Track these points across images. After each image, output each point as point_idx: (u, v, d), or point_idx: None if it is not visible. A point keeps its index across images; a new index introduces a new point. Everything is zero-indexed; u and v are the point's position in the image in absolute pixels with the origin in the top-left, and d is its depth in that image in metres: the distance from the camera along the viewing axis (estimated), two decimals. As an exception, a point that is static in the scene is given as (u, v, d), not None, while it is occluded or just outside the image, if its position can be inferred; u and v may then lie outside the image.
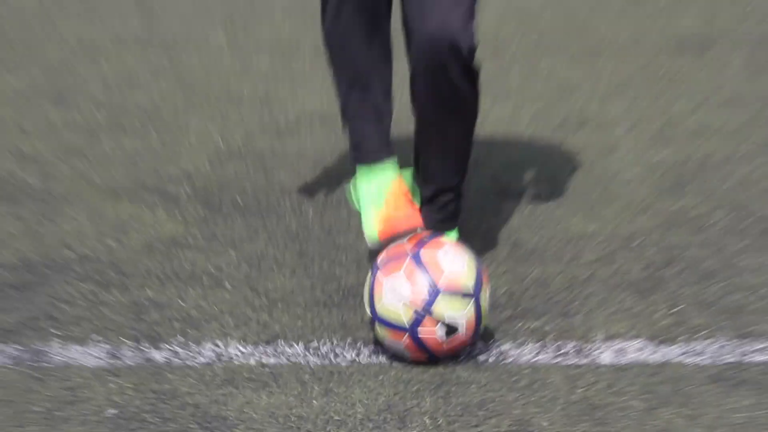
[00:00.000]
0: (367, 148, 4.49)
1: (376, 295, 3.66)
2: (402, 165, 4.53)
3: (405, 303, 3.55)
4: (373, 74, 4.41)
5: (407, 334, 3.61)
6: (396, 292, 3.58)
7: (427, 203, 4.50)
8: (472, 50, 4.12)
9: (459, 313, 3.54)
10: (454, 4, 4.11)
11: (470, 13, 4.16)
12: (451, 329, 3.54)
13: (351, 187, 4.54)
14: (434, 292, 3.56)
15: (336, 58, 4.47)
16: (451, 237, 4.42)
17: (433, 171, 4.50)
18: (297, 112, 4.73)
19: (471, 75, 4.14)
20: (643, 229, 4.58)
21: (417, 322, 3.55)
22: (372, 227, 4.27)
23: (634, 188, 4.91)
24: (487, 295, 3.76)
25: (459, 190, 4.49)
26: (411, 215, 4.34)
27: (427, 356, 3.71)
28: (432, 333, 3.53)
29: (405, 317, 3.57)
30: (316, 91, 5.73)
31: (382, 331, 3.73)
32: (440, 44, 4.06)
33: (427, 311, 3.52)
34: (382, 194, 4.33)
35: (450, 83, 4.14)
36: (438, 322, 3.52)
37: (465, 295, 3.61)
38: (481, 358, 3.73)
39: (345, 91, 4.50)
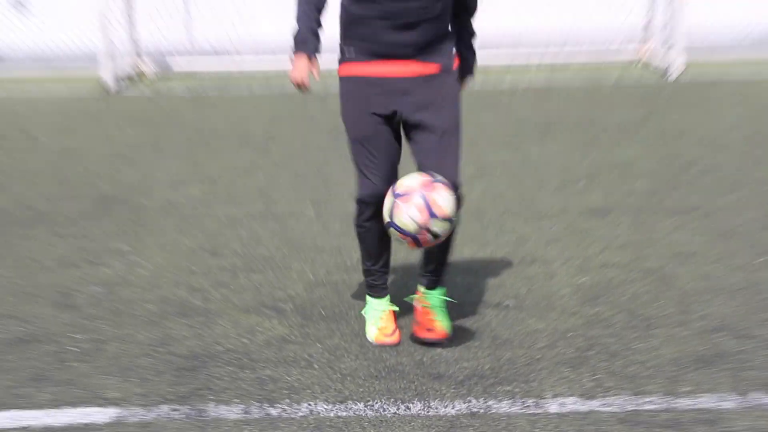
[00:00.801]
0: (374, 288, 4.72)
1: (395, 211, 4.03)
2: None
3: (415, 221, 3.94)
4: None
5: (411, 237, 4.03)
6: (410, 213, 3.95)
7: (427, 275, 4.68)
8: (459, 184, 4.34)
9: (443, 229, 3.99)
10: (454, 163, 4.32)
11: (459, 163, 4.36)
12: (436, 236, 4.00)
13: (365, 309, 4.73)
14: (433, 218, 3.94)
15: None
16: (439, 291, 4.69)
17: (432, 258, 4.62)
18: (358, 257, 4.66)
19: (460, 201, 4.31)
20: (573, 326, 4.62)
21: (418, 232, 3.97)
22: (372, 335, 4.52)
23: (567, 300, 4.95)
24: (458, 217, 4.20)
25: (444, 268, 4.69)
26: (394, 331, 4.59)
27: (417, 245, 4.13)
28: (425, 236, 3.99)
29: (412, 228, 3.97)
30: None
31: (393, 233, 4.11)
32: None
33: (426, 228, 3.95)
34: (379, 316, 4.58)
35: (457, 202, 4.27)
36: (430, 232, 3.96)
37: (447, 219, 4.00)
38: (474, 409, 3.77)
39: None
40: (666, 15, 14.66)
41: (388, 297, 4.74)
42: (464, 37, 4.63)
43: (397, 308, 4.71)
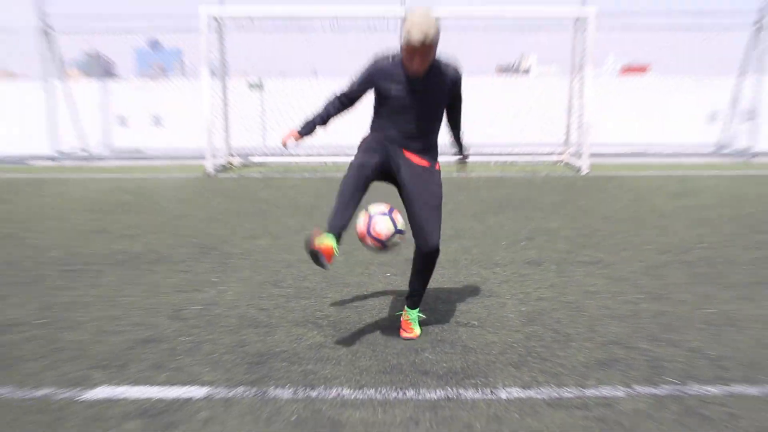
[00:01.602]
0: None
1: (372, 224, 4.21)
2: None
3: (389, 231, 4.17)
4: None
5: (381, 243, 4.22)
6: (384, 226, 4.17)
7: (410, 299, 4.67)
8: (439, 247, 4.32)
9: (399, 240, 4.22)
10: (436, 228, 4.30)
11: (440, 228, 4.33)
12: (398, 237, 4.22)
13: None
14: (397, 230, 4.20)
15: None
16: (416, 310, 4.70)
17: (415, 288, 4.59)
18: (374, 289, 4.49)
19: (438, 254, 4.32)
20: (517, 339, 4.53)
21: (388, 238, 4.18)
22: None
23: (513, 322, 4.86)
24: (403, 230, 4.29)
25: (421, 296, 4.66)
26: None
27: (384, 248, 4.29)
28: (393, 240, 4.23)
29: (384, 237, 4.17)
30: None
31: (369, 240, 4.24)
32: (431, 249, 4.27)
33: (394, 234, 4.19)
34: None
35: (431, 259, 4.32)
36: (396, 237, 4.19)
37: (401, 232, 4.21)
38: (450, 395, 3.67)
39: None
40: (577, 135, 14.77)
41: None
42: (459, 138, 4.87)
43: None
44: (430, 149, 4.48)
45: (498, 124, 15.49)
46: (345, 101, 4.56)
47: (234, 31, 15.34)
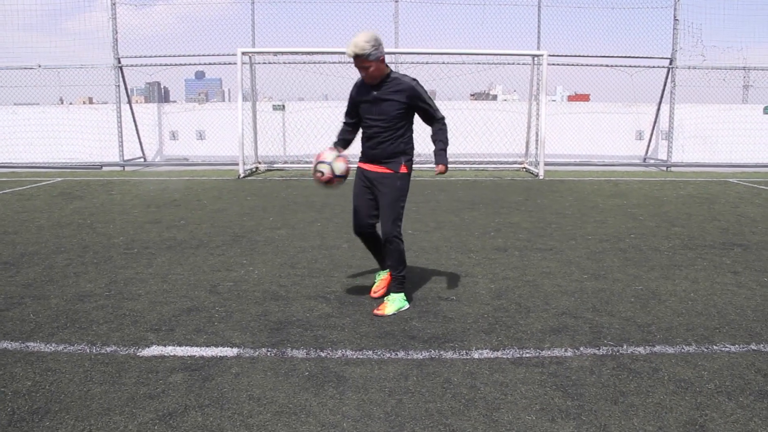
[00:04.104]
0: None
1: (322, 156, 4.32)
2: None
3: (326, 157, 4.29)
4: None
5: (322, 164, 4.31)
6: (327, 155, 4.30)
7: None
8: (395, 235, 4.35)
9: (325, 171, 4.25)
10: (388, 222, 4.34)
11: (393, 220, 4.35)
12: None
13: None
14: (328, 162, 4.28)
15: None
16: (398, 297, 4.55)
17: (389, 265, 4.55)
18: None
19: (393, 241, 4.32)
20: (487, 311, 4.48)
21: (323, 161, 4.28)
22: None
23: (484, 297, 4.80)
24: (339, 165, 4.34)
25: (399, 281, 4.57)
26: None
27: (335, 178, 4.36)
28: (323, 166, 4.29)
29: (322, 158, 4.30)
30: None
31: (323, 167, 4.32)
32: (385, 236, 4.33)
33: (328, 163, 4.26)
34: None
35: (388, 243, 4.36)
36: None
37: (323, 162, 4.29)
38: (433, 356, 3.62)
39: None
40: (535, 148, 14.78)
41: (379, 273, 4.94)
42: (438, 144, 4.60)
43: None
44: (390, 157, 4.38)
45: (472, 138, 15.69)
46: (348, 123, 4.60)
47: (262, 64, 15.45)
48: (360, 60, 4.16)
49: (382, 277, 4.88)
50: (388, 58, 15.04)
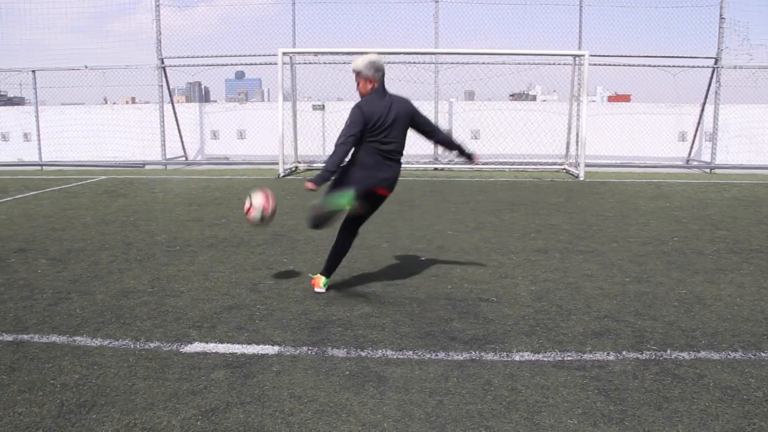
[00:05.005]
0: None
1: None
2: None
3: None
4: None
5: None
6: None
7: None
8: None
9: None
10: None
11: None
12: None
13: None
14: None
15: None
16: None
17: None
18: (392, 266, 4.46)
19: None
20: (528, 313, 4.44)
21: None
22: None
23: (525, 299, 4.76)
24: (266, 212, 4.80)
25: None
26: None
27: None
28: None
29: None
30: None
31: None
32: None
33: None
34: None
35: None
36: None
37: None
38: (474, 357, 3.61)
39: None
40: (575, 149, 14.61)
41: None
42: (450, 144, 5.03)
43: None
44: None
45: (512, 139, 15.54)
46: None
47: (302, 65, 15.57)
48: (355, 75, 4.73)
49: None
50: (428, 58, 15.18)
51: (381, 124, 4.53)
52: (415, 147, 5.95)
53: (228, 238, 7.06)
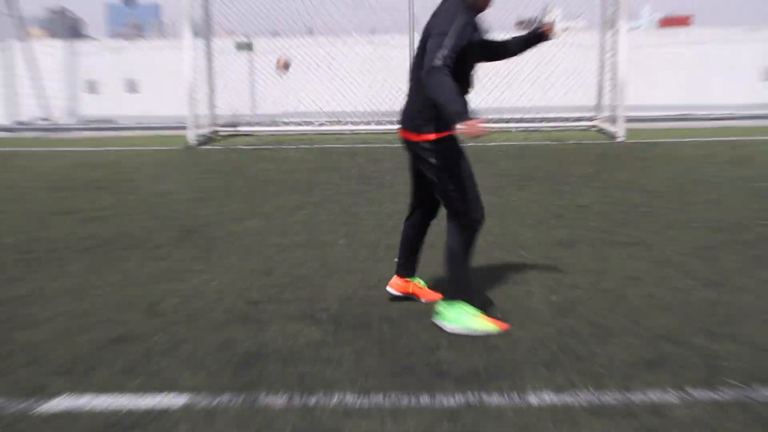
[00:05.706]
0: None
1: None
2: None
3: None
4: None
5: None
6: None
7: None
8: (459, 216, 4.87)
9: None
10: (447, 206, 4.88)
11: (453, 201, 4.92)
12: None
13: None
14: None
15: None
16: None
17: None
18: (380, 277, 4.50)
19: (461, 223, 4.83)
20: (548, 334, 4.47)
21: None
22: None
23: (543, 314, 4.81)
24: None
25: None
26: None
27: None
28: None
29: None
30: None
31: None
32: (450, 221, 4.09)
33: None
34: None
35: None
36: None
37: None
38: (471, 402, 3.61)
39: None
40: (611, 97, 14.70)
41: None
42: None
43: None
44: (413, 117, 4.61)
45: (519, 86, 15.45)
46: None
47: (219, -16, 15.44)
48: None
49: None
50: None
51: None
52: (385, 101, 5.89)
53: (114, 237, 6.99)
